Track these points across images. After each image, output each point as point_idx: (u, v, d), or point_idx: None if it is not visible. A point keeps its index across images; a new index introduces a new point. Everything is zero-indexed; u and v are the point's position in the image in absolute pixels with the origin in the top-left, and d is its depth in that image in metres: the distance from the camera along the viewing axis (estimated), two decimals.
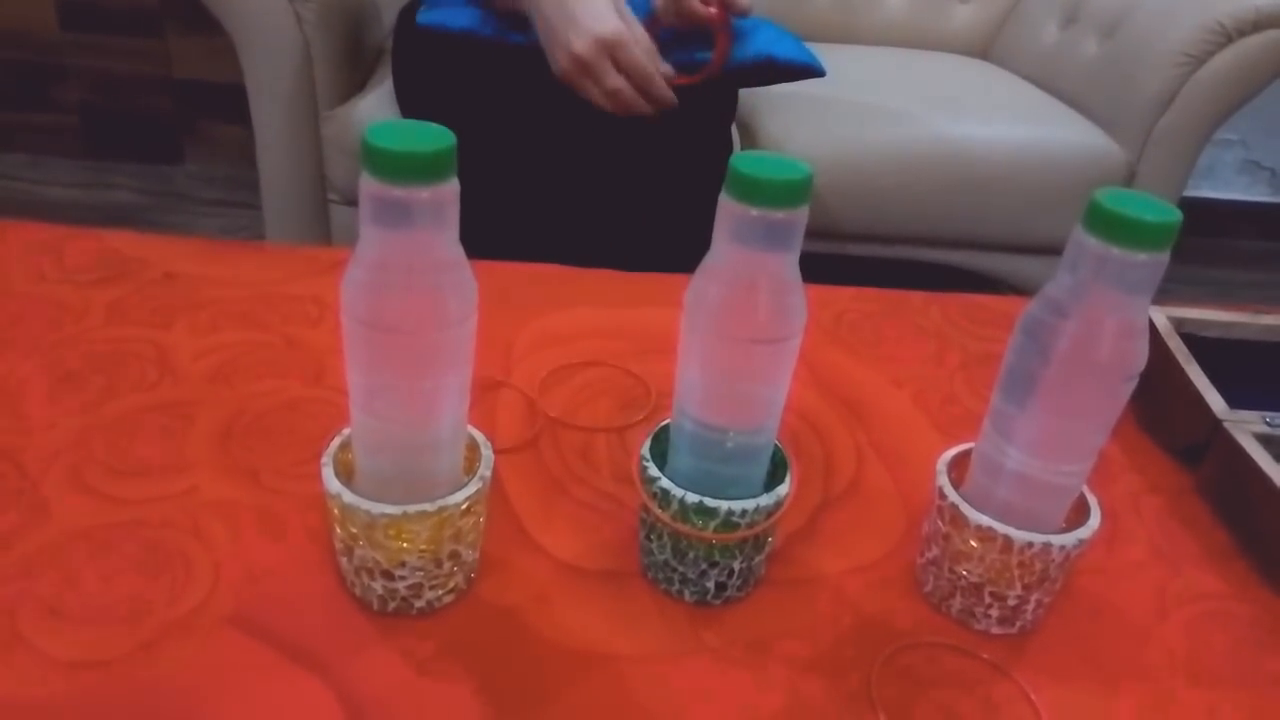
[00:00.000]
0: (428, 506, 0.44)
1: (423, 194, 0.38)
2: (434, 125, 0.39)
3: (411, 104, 1.15)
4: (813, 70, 1.08)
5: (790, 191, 0.40)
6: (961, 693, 0.46)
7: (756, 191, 0.40)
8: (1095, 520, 0.48)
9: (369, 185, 0.38)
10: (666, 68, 0.94)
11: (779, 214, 0.40)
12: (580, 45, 0.88)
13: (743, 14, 0.97)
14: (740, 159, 0.40)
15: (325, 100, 1.33)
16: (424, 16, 1.02)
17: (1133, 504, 0.60)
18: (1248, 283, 2.17)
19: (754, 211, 0.40)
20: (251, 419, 0.59)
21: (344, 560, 0.47)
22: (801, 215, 0.41)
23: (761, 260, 0.42)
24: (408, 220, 0.38)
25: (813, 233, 0.42)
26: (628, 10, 0.92)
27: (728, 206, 0.41)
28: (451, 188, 0.38)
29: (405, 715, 0.42)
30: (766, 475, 0.49)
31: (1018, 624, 0.49)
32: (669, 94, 0.94)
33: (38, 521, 0.50)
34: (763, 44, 1.04)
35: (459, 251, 0.40)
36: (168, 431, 0.58)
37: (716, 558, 0.48)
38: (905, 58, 1.75)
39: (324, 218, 1.42)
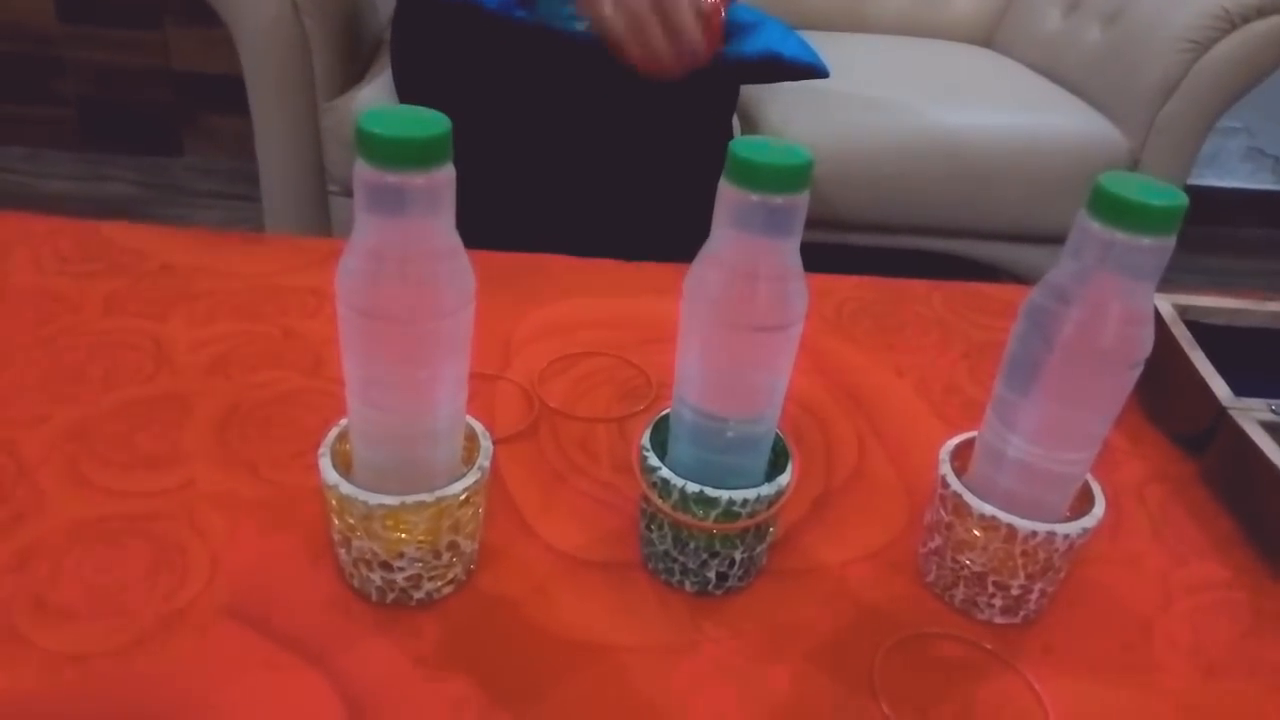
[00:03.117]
0: (426, 497, 0.43)
1: (418, 180, 0.37)
2: (430, 110, 0.38)
3: (410, 89, 1.15)
4: (816, 70, 1.08)
5: (790, 176, 0.39)
6: (964, 683, 0.46)
7: (756, 177, 0.39)
8: (1099, 509, 0.47)
9: (363, 171, 0.37)
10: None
11: (779, 199, 0.40)
12: None
13: None
14: (740, 144, 0.40)
15: (324, 91, 1.33)
16: None
17: (1137, 492, 0.60)
18: (1251, 271, 2.17)
19: (754, 197, 0.40)
20: (249, 410, 0.59)
21: (342, 551, 0.47)
22: (802, 201, 0.40)
23: (762, 247, 0.41)
24: (403, 207, 0.38)
25: (814, 222, 0.42)
26: None
27: (727, 192, 0.40)
28: (447, 174, 0.38)
29: (404, 707, 0.42)
30: (768, 465, 0.49)
31: (1021, 613, 0.49)
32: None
33: (34, 514, 0.50)
34: (768, 41, 1.04)
35: (455, 239, 0.40)
36: (164, 423, 0.57)
37: (717, 548, 0.47)
38: (907, 46, 1.75)
39: (323, 209, 1.42)
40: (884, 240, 1.46)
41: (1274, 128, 2.23)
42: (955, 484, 0.48)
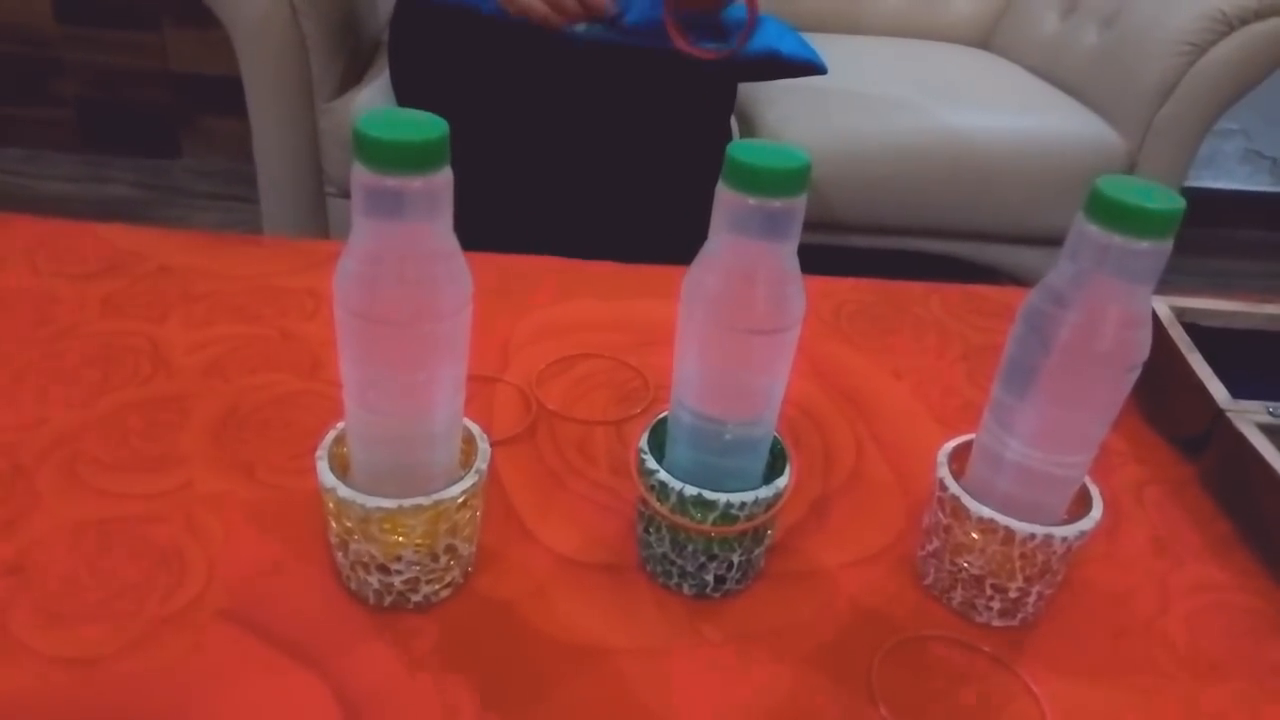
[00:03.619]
0: (423, 500, 0.43)
1: (415, 183, 0.37)
2: (427, 113, 0.38)
3: (408, 91, 1.15)
4: (815, 67, 1.08)
5: (788, 180, 0.39)
6: (962, 685, 0.46)
7: (754, 180, 0.39)
8: (1097, 512, 0.47)
9: (361, 175, 0.37)
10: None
11: (777, 203, 0.40)
12: None
13: None
14: (738, 147, 0.40)
15: (322, 93, 1.33)
16: None
17: (1135, 495, 0.60)
18: (1249, 273, 2.17)
19: (752, 201, 0.40)
20: (246, 413, 0.59)
21: (339, 554, 0.47)
22: (799, 204, 0.40)
23: (759, 250, 0.41)
24: (400, 210, 0.38)
25: (812, 224, 0.42)
26: None
27: (725, 196, 0.40)
28: (445, 177, 0.38)
29: (401, 710, 0.42)
30: (766, 467, 0.48)
31: (1019, 616, 0.49)
32: None
33: (31, 516, 0.50)
34: (767, 39, 1.04)
35: (453, 242, 0.40)
36: (162, 426, 0.57)
37: (715, 551, 0.47)
38: (905, 48, 1.75)
39: (321, 211, 1.42)
40: (882, 242, 1.46)
41: (1271, 129, 2.23)
42: (953, 486, 0.48)
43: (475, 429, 0.48)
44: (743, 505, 0.46)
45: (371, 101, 1.31)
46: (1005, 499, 0.46)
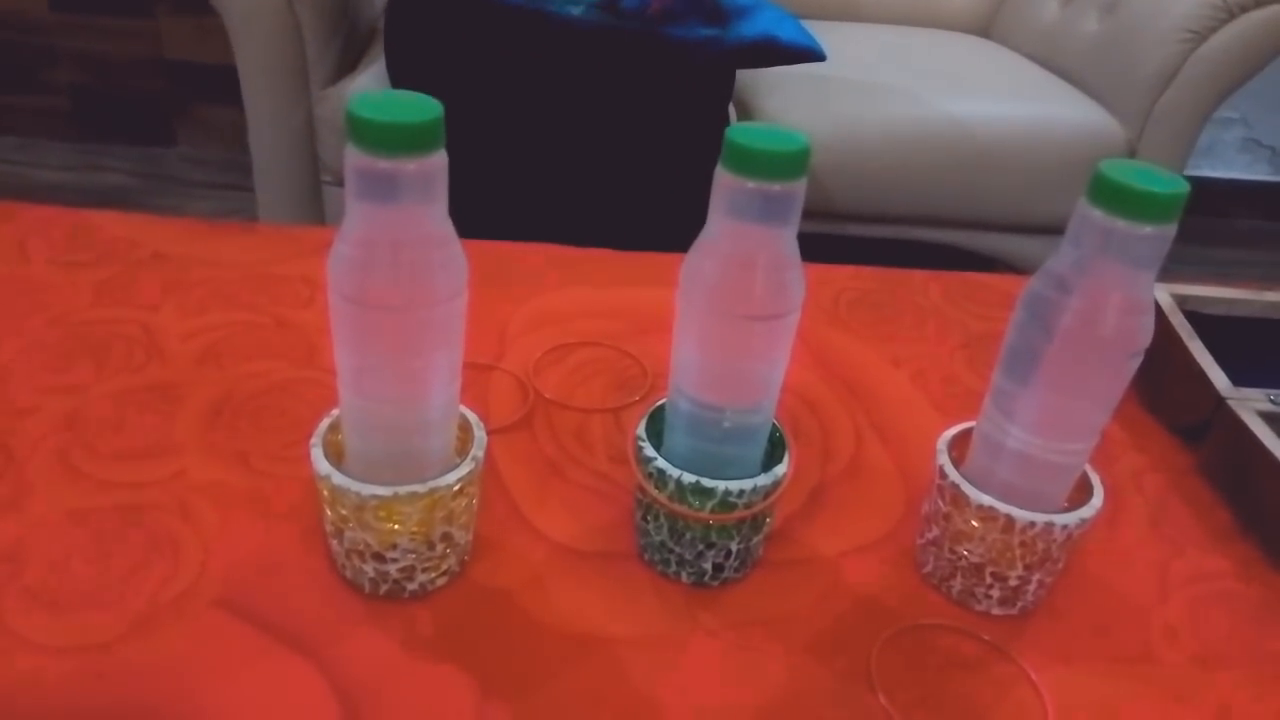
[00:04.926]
0: (418, 488, 0.43)
1: (409, 166, 0.37)
2: (422, 95, 0.38)
3: (404, 77, 1.14)
4: (813, 54, 1.07)
5: (787, 163, 0.39)
6: (962, 674, 0.46)
7: (753, 163, 0.39)
8: (1098, 499, 0.47)
9: (354, 157, 0.37)
10: None
11: (776, 187, 0.39)
12: None
13: None
14: (736, 130, 0.39)
15: (317, 80, 1.32)
16: None
17: (1135, 483, 0.60)
18: (1247, 262, 2.17)
19: (750, 184, 0.39)
20: (241, 400, 0.58)
21: (334, 543, 0.46)
22: (799, 188, 0.40)
23: (758, 235, 0.41)
24: (395, 193, 0.37)
25: (811, 213, 0.41)
26: None
27: (724, 179, 0.40)
28: (439, 159, 0.37)
29: (397, 699, 0.42)
30: (764, 455, 0.48)
31: (1019, 604, 0.49)
32: None
33: (24, 505, 0.49)
34: (765, 25, 1.03)
35: (448, 226, 0.39)
36: (156, 413, 0.57)
37: (714, 539, 0.47)
38: (905, 35, 1.74)
39: (317, 199, 1.41)
40: (881, 231, 1.45)
41: (1271, 118, 2.23)
42: (953, 474, 0.47)
43: (471, 416, 0.47)
44: (741, 493, 0.45)
45: (367, 88, 1.30)
46: (1005, 487, 0.46)
